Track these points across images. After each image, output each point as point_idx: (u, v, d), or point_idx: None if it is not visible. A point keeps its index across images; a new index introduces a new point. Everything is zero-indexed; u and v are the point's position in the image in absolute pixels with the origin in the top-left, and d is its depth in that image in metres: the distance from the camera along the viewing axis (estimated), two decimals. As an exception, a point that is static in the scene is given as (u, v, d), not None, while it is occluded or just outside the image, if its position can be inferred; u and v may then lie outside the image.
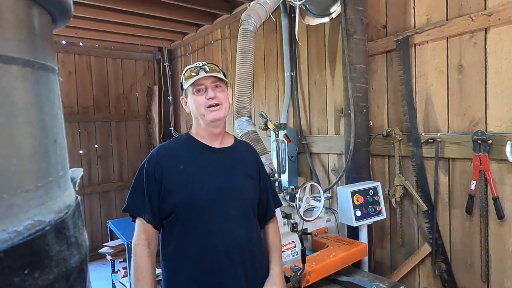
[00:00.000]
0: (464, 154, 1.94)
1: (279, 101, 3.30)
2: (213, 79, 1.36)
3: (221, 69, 1.43)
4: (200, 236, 1.32)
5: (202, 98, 1.35)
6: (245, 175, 1.45)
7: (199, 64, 1.38)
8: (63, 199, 0.43)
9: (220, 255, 1.32)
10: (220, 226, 1.34)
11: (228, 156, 1.44)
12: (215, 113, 1.35)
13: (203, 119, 1.38)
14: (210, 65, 1.38)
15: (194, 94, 1.37)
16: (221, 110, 1.37)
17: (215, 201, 1.34)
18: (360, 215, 2.03)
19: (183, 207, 1.32)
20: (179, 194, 1.33)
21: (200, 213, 1.33)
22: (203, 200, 1.33)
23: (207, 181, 1.36)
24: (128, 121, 5.10)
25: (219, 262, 1.32)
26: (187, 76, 1.37)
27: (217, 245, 1.32)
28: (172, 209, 1.33)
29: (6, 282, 0.32)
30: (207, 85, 1.35)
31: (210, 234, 1.33)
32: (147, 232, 1.36)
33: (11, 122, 0.36)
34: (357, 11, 2.29)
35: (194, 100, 1.37)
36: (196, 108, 1.37)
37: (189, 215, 1.33)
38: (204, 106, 1.35)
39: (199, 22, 4.04)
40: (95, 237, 4.71)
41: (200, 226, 1.33)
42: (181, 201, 1.32)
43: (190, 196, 1.33)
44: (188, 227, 1.33)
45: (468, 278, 2.00)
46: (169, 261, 1.38)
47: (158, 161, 1.36)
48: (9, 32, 0.36)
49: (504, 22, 1.76)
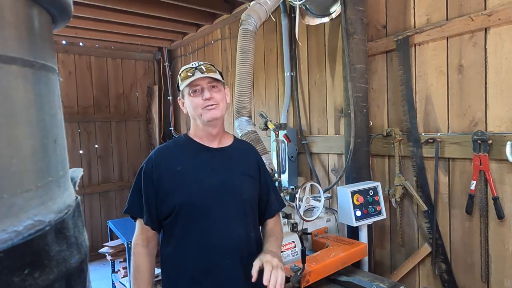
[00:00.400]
0: (464, 154, 1.94)
1: (279, 101, 3.30)
2: (209, 79, 1.36)
3: (218, 69, 1.42)
4: (199, 237, 1.33)
5: (198, 99, 1.35)
6: (244, 175, 1.45)
7: (194, 64, 1.38)
8: (63, 199, 0.43)
9: (220, 255, 1.33)
10: (219, 226, 1.34)
11: (226, 156, 1.44)
12: (212, 112, 1.35)
13: (200, 119, 1.37)
14: (206, 65, 1.37)
15: (190, 95, 1.36)
16: (218, 109, 1.36)
17: (213, 201, 1.34)
18: (360, 215, 2.03)
19: (182, 208, 1.33)
20: (177, 195, 1.33)
21: (198, 214, 1.33)
22: (202, 201, 1.33)
23: (205, 181, 1.35)
24: (128, 121, 5.10)
25: (218, 262, 1.32)
26: (183, 77, 1.36)
27: (216, 245, 1.32)
28: (171, 210, 1.33)
29: (6, 282, 0.32)
30: (203, 85, 1.35)
31: (209, 235, 1.33)
32: (146, 233, 1.38)
33: (11, 122, 0.36)
34: (357, 11, 2.29)
35: (190, 101, 1.36)
36: (193, 109, 1.37)
37: (188, 216, 1.33)
38: (201, 107, 1.34)
39: (199, 22, 4.04)
40: (95, 237, 4.71)
41: (199, 227, 1.33)
42: (180, 202, 1.32)
43: (189, 197, 1.33)
44: (187, 227, 1.33)
45: (468, 278, 2.00)
46: (169, 261, 1.38)
47: (156, 163, 1.37)
48: (9, 32, 0.36)
49: (504, 22, 1.76)
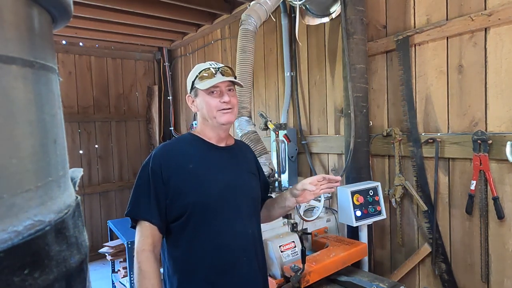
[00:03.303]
0: (464, 154, 1.94)
1: (279, 101, 3.30)
2: (228, 82, 1.35)
3: (234, 72, 1.41)
4: (214, 237, 1.30)
5: (215, 100, 1.32)
6: (250, 173, 1.47)
7: (215, 65, 1.35)
8: (63, 199, 0.43)
9: (236, 254, 1.32)
10: (233, 224, 1.33)
11: (233, 155, 1.44)
12: (227, 116, 1.33)
13: (213, 121, 1.35)
14: (225, 68, 1.36)
15: (208, 95, 1.33)
16: (233, 113, 1.36)
17: (227, 200, 1.33)
18: (360, 215, 2.03)
19: (195, 208, 1.28)
20: (191, 194, 1.28)
21: (213, 213, 1.30)
22: (216, 199, 1.31)
23: (218, 179, 1.34)
24: (128, 121, 5.10)
25: (235, 262, 1.31)
26: (203, 77, 1.33)
27: (232, 244, 1.31)
28: (183, 210, 1.28)
29: (6, 282, 0.32)
30: (222, 88, 1.33)
31: (224, 233, 1.31)
32: (153, 237, 1.28)
33: (11, 122, 0.36)
34: (357, 11, 2.29)
35: (206, 101, 1.33)
36: (207, 110, 1.34)
37: (202, 216, 1.29)
38: (217, 109, 1.32)
39: (199, 22, 4.05)
40: (95, 237, 4.71)
41: (213, 227, 1.30)
42: (194, 201, 1.28)
43: (203, 196, 1.29)
44: (200, 228, 1.29)
45: (468, 278, 2.00)
46: (180, 264, 1.32)
47: (165, 160, 1.31)
48: (9, 32, 0.36)
49: (504, 22, 1.76)
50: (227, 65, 1.40)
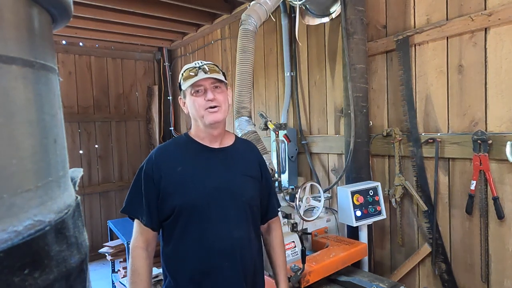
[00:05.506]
0: (464, 154, 1.94)
1: (279, 101, 3.30)
2: (213, 80, 1.33)
3: (221, 69, 1.39)
4: (199, 238, 1.31)
5: (201, 99, 1.32)
6: (245, 175, 1.43)
7: (198, 63, 1.34)
8: (63, 199, 0.43)
9: (219, 257, 1.32)
10: (219, 227, 1.33)
11: (227, 156, 1.42)
12: (214, 115, 1.32)
13: (202, 121, 1.35)
14: (210, 65, 1.34)
15: (192, 96, 1.33)
16: (220, 112, 1.34)
17: (213, 203, 1.33)
18: (360, 215, 2.03)
19: (181, 210, 1.31)
20: (177, 197, 1.31)
21: (198, 215, 1.31)
22: (201, 202, 1.32)
23: (205, 182, 1.34)
24: (128, 121, 5.10)
25: (218, 264, 1.32)
26: (186, 77, 1.33)
27: (216, 247, 1.31)
28: (171, 211, 1.32)
29: (6, 282, 0.32)
30: (206, 86, 1.32)
31: (209, 236, 1.32)
32: (146, 235, 1.34)
33: (11, 122, 0.36)
34: (357, 11, 2.29)
35: (192, 101, 1.34)
36: (195, 110, 1.34)
37: (188, 217, 1.31)
38: (203, 108, 1.32)
39: (199, 22, 4.05)
40: (95, 237, 4.71)
41: (198, 228, 1.31)
42: (180, 204, 1.31)
43: (188, 199, 1.31)
44: (186, 229, 1.32)
45: (468, 278, 2.00)
46: (169, 260, 1.37)
47: (157, 163, 1.35)
48: (9, 32, 0.36)
49: (504, 22, 1.76)
50: (212, 62, 1.39)
